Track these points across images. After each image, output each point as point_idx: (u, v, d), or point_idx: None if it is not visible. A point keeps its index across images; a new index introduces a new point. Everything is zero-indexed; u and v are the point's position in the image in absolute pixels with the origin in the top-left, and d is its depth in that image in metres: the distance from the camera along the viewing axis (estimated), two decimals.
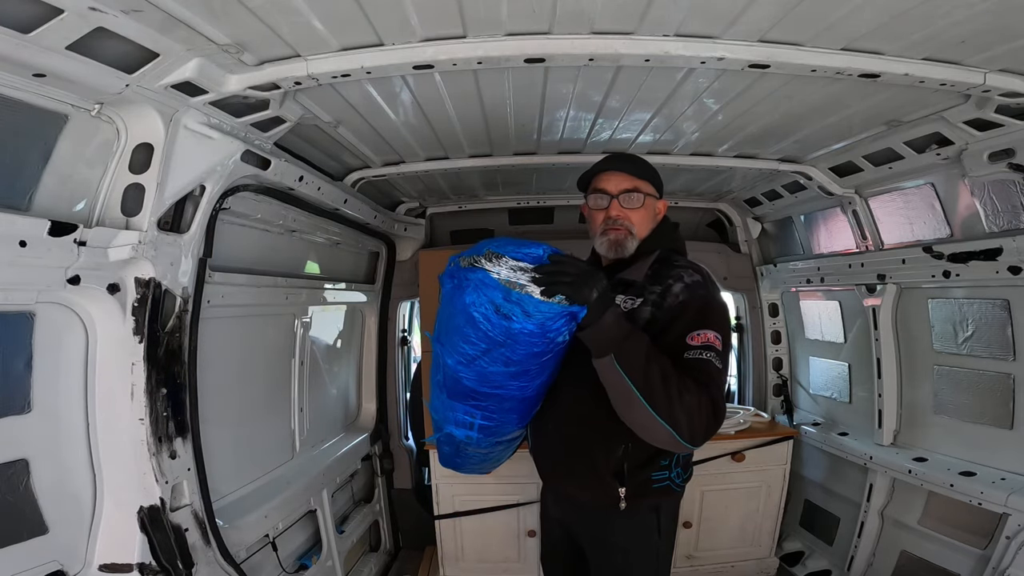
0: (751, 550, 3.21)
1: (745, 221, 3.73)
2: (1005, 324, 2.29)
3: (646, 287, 1.62)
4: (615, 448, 1.64)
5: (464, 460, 1.89)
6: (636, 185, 1.70)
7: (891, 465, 2.73)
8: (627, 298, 1.62)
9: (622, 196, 1.69)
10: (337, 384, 3.39)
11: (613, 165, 1.74)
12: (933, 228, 2.47)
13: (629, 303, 1.61)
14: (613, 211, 1.69)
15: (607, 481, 1.65)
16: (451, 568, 3.16)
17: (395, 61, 1.57)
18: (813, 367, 3.53)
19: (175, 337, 1.76)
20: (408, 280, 3.67)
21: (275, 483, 2.50)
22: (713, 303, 1.59)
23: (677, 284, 1.59)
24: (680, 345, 1.48)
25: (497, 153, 2.67)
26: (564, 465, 1.78)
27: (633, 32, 1.52)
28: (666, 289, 1.59)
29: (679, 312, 1.55)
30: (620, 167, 1.73)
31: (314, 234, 2.76)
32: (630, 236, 1.69)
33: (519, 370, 1.47)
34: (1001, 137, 1.94)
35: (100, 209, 1.57)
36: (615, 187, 1.70)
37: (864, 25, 1.46)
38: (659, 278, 1.63)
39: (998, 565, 2.17)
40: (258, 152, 1.94)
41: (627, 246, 1.70)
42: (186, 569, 1.73)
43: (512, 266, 1.35)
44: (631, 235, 1.69)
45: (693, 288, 1.58)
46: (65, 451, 1.60)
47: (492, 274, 1.35)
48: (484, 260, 1.37)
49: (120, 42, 1.29)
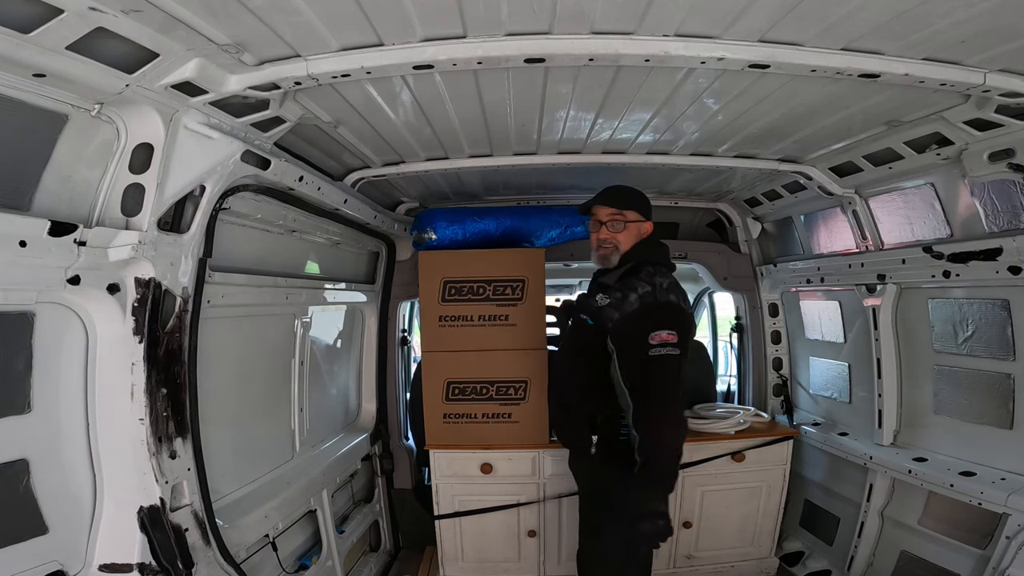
0: (751, 550, 3.21)
1: (745, 221, 3.73)
2: (1005, 324, 2.29)
3: (613, 290, 2.17)
4: (589, 402, 2.28)
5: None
6: (621, 214, 2.26)
7: (891, 465, 2.73)
8: (602, 296, 2.19)
9: (609, 223, 2.26)
10: (337, 384, 3.39)
11: (603, 200, 2.29)
12: (933, 228, 2.47)
13: (603, 300, 2.18)
14: (603, 234, 2.28)
15: (584, 431, 2.32)
16: (451, 568, 3.16)
17: (395, 61, 1.57)
18: (813, 367, 3.53)
19: (175, 337, 1.76)
20: (408, 280, 3.67)
21: (275, 483, 2.50)
22: (663, 308, 2.08)
23: (632, 295, 2.11)
24: (643, 344, 2.02)
25: (497, 153, 2.68)
26: (561, 421, 2.65)
27: (633, 32, 1.52)
28: (624, 297, 2.13)
29: (634, 317, 2.08)
30: (608, 202, 2.28)
31: (314, 234, 2.76)
32: (615, 251, 2.27)
33: None
34: (1001, 137, 1.94)
35: (100, 209, 1.57)
36: (604, 216, 2.28)
37: (864, 25, 1.46)
38: (623, 285, 2.16)
39: (998, 565, 2.16)
40: (258, 152, 1.94)
41: (612, 259, 2.27)
42: (186, 569, 1.73)
43: None
44: (616, 250, 2.27)
45: (644, 297, 2.10)
46: (65, 451, 1.60)
47: None
48: None
49: (120, 42, 1.29)
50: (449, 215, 3.29)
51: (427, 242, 3.27)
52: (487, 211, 3.34)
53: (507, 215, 3.32)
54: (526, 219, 3.33)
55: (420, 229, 3.28)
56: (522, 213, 3.37)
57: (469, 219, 3.27)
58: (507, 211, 3.37)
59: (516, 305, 3.08)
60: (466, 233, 3.25)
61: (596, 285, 2.29)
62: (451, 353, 3.09)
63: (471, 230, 3.26)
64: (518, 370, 3.06)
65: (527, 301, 3.08)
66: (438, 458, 3.09)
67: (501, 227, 3.27)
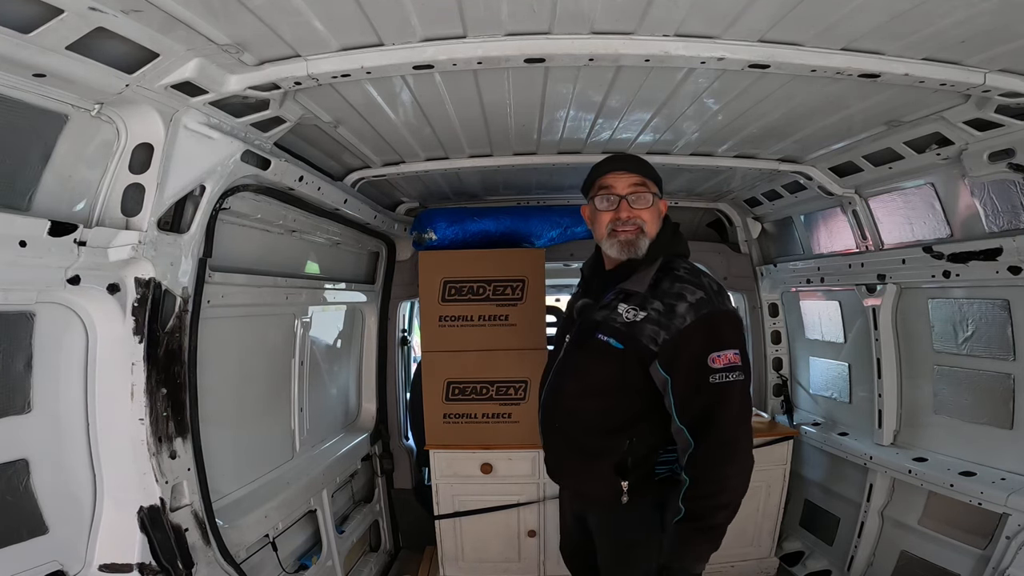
0: (751, 550, 3.21)
1: (745, 221, 3.73)
2: (1005, 324, 2.29)
3: (648, 298, 1.61)
4: (619, 443, 1.67)
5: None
6: (645, 184, 1.70)
7: (891, 465, 2.72)
8: (629, 308, 1.62)
9: (631, 196, 1.68)
10: (337, 384, 3.39)
11: (620, 165, 1.72)
12: (933, 228, 2.47)
13: (632, 314, 1.61)
14: (623, 212, 1.68)
15: (608, 476, 1.68)
16: (451, 568, 3.16)
17: (395, 61, 1.57)
18: (813, 367, 3.53)
19: (175, 337, 1.76)
20: (408, 280, 3.67)
21: (275, 483, 2.50)
22: (724, 319, 1.59)
23: (680, 304, 1.57)
24: (704, 369, 1.52)
25: (497, 153, 2.67)
26: (566, 463, 1.83)
27: (633, 32, 1.52)
28: (669, 309, 1.57)
29: (691, 334, 1.55)
30: (627, 167, 1.71)
31: (314, 234, 2.76)
32: (642, 234, 1.68)
33: None
34: (1001, 137, 1.94)
35: (100, 209, 1.57)
36: (624, 187, 1.69)
37: (864, 25, 1.45)
38: (661, 291, 1.61)
39: (998, 565, 2.16)
40: (258, 152, 1.94)
41: (640, 245, 1.68)
42: (186, 569, 1.73)
43: None
44: (643, 233, 1.68)
45: (699, 307, 1.56)
46: (65, 451, 1.60)
47: None
48: None
49: (120, 42, 1.29)
50: (449, 215, 3.29)
51: (427, 242, 3.27)
52: (487, 211, 3.34)
53: (507, 215, 3.32)
54: (526, 219, 3.34)
55: (420, 229, 3.28)
56: (522, 213, 3.38)
57: (469, 219, 3.27)
58: (507, 211, 3.37)
59: (516, 305, 3.08)
60: (466, 233, 3.25)
61: (616, 293, 1.67)
62: (451, 353, 3.09)
63: (471, 230, 3.26)
64: (518, 370, 3.06)
65: (527, 301, 3.08)
66: (438, 458, 3.09)
67: (501, 227, 3.27)
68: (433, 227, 3.25)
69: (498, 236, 3.27)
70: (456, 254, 3.14)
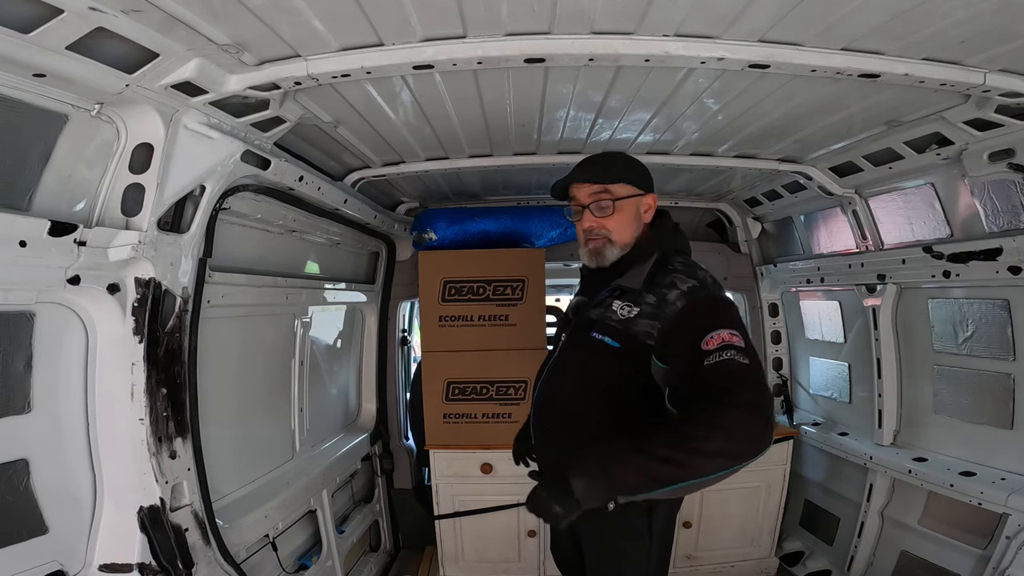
0: (751, 550, 3.21)
1: (745, 221, 3.73)
2: (1005, 324, 2.29)
3: (642, 294, 1.57)
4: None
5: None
6: (605, 191, 1.65)
7: (891, 465, 2.72)
8: (624, 304, 1.59)
9: (592, 206, 1.66)
10: (337, 384, 3.39)
11: (578, 175, 1.69)
12: (933, 228, 2.47)
13: (627, 311, 1.57)
14: (586, 223, 1.66)
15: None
16: (451, 568, 3.16)
17: (395, 61, 1.57)
18: (813, 367, 3.53)
19: (175, 337, 1.76)
20: (408, 280, 3.67)
21: (275, 483, 2.50)
22: (717, 302, 1.53)
23: (672, 292, 1.52)
24: (697, 354, 1.40)
25: (497, 153, 2.67)
26: (555, 465, 1.71)
27: (633, 32, 1.52)
28: (661, 299, 1.53)
29: (680, 320, 1.49)
30: (585, 176, 1.68)
31: (314, 234, 2.76)
32: (608, 244, 1.66)
33: None
34: (1001, 137, 1.94)
35: (100, 209, 1.57)
36: (585, 197, 1.67)
37: (864, 25, 1.45)
38: (654, 285, 1.57)
39: (998, 565, 2.16)
40: (258, 152, 1.94)
41: (606, 255, 1.66)
42: (186, 569, 1.73)
43: None
44: (609, 242, 1.66)
45: (690, 293, 1.51)
46: (65, 451, 1.60)
47: None
48: None
49: (120, 42, 1.29)
50: (449, 215, 3.29)
51: (427, 242, 3.27)
52: (487, 211, 3.34)
53: (507, 215, 3.32)
54: (526, 219, 3.34)
55: (420, 229, 3.28)
56: (522, 213, 3.38)
57: (469, 219, 3.27)
58: (507, 211, 3.37)
59: (516, 305, 3.08)
60: (466, 233, 3.26)
61: (611, 290, 1.64)
62: (451, 353, 3.09)
63: (471, 230, 3.26)
64: (518, 370, 3.06)
65: (527, 301, 3.08)
66: (438, 458, 3.09)
67: (501, 227, 3.27)
68: (433, 227, 3.25)
69: (498, 236, 3.28)
70: (456, 254, 3.14)
